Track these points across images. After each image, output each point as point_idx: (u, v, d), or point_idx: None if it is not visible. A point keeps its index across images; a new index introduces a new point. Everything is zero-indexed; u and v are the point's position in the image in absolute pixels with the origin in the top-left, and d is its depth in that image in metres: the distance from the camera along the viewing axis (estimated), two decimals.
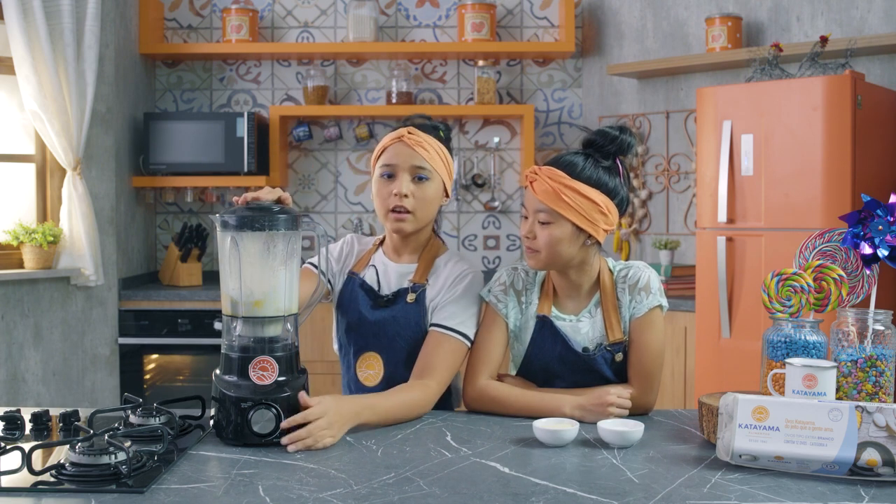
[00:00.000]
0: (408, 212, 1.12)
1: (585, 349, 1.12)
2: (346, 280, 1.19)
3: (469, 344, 1.12)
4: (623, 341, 1.12)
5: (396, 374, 1.14)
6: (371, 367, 1.16)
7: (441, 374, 1.09)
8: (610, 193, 1.09)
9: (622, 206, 1.11)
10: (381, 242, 1.22)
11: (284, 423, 0.94)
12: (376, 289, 1.17)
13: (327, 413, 0.95)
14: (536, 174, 1.08)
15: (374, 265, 1.19)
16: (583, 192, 1.07)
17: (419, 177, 1.12)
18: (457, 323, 1.11)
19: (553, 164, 1.09)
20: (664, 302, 1.13)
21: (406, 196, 1.12)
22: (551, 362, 1.13)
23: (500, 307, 1.15)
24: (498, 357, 1.14)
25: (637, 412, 1.09)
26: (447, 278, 1.14)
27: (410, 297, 1.13)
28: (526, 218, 1.11)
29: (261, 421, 0.95)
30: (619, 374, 1.13)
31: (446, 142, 1.19)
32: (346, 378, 1.21)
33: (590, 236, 1.09)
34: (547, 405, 1.07)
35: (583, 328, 1.12)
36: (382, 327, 1.14)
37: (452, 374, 1.11)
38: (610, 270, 1.15)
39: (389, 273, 1.18)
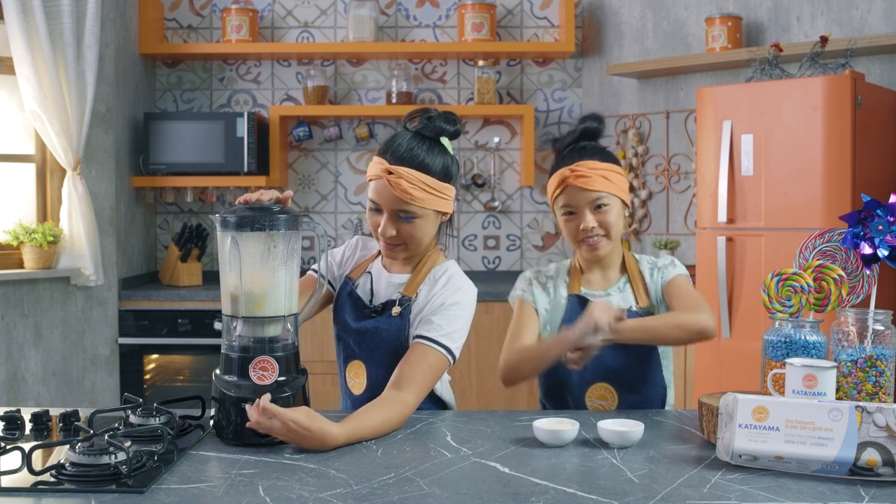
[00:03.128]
0: (397, 244, 1.10)
1: None
2: (342, 284, 1.17)
3: (451, 359, 1.07)
4: (651, 308, 1.16)
5: (379, 385, 1.10)
6: (357, 376, 1.15)
7: (419, 387, 1.04)
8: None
9: None
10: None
11: (261, 399, 0.90)
12: (365, 298, 1.15)
13: (306, 425, 0.89)
14: (575, 170, 1.14)
15: (370, 272, 1.17)
16: (617, 170, 1.17)
17: (404, 217, 1.08)
18: (441, 335, 1.06)
19: (584, 157, 1.16)
20: (684, 271, 1.20)
21: (393, 235, 1.09)
22: None
23: (528, 296, 1.20)
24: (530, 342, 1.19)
25: (692, 338, 1.10)
26: (438, 290, 1.10)
27: (395, 311, 1.10)
28: (572, 214, 1.16)
29: None
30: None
31: (453, 139, 1.12)
32: (341, 382, 1.21)
33: (626, 206, 1.19)
34: (549, 343, 1.11)
35: (613, 301, 1.17)
36: (364, 337, 1.13)
37: (430, 388, 1.06)
38: (628, 254, 1.23)
39: (382, 282, 1.16)
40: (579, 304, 1.17)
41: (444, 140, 1.12)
